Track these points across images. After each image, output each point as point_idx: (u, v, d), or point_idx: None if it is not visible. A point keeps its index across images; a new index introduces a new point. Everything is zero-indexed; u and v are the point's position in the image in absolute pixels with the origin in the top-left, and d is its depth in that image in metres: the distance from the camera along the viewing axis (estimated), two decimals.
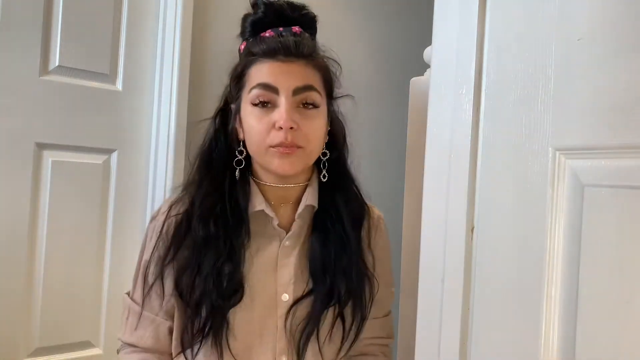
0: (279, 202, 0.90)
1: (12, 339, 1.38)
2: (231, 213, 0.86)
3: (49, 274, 1.44)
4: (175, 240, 0.86)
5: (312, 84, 0.84)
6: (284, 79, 0.82)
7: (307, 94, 0.83)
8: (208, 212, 0.85)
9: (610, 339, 0.56)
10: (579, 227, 0.59)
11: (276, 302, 0.88)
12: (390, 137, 1.58)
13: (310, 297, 0.88)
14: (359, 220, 0.93)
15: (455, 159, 0.74)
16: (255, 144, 0.84)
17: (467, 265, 0.72)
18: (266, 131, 0.82)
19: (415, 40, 1.60)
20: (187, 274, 0.85)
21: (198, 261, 0.84)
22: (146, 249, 0.91)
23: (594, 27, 0.59)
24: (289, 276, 0.88)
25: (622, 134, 0.55)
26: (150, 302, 0.89)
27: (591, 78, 0.58)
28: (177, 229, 0.87)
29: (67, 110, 1.46)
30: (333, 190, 0.91)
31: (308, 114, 0.84)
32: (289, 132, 0.80)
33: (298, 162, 0.83)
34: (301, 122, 0.82)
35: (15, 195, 1.38)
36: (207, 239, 0.85)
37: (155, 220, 0.90)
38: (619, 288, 0.55)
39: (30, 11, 1.39)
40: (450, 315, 0.74)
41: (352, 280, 0.89)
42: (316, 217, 0.91)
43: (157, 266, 0.87)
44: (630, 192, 0.54)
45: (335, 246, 0.89)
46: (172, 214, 0.88)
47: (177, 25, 1.56)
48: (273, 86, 0.82)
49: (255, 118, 0.83)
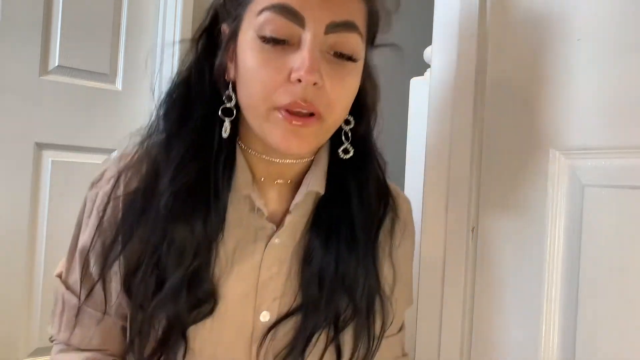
0: (270, 180, 0.63)
1: (12, 339, 1.38)
2: (212, 193, 0.58)
3: (49, 274, 1.43)
4: (125, 228, 0.59)
5: (354, 20, 0.55)
6: (316, 5, 0.53)
7: (345, 36, 0.54)
8: (186, 191, 0.58)
9: (610, 339, 0.55)
10: (579, 227, 0.59)
11: (252, 322, 0.62)
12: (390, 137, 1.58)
13: (297, 317, 0.62)
14: (378, 216, 0.65)
15: (455, 159, 0.74)
16: (254, 98, 0.55)
17: (467, 265, 0.71)
18: (275, 80, 0.53)
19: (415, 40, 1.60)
20: (139, 275, 0.59)
21: (154, 260, 0.58)
22: (84, 229, 0.64)
23: (594, 27, 0.59)
24: (275, 287, 0.62)
25: (622, 134, 0.55)
26: (93, 298, 0.62)
27: (591, 78, 0.58)
28: (128, 210, 0.60)
29: (67, 110, 1.46)
30: (349, 171, 0.63)
31: (341, 69, 0.55)
32: (309, 89, 0.52)
33: (311, 139, 0.55)
34: (329, 79, 0.54)
35: (15, 195, 1.38)
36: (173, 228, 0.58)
37: (97, 189, 0.64)
38: (619, 288, 0.55)
39: (30, 11, 1.39)
40: (450, 315, 0.74)
41: (356, 298, 0.62)
42: (319, 207, 0.64)
43: (100, 258, 0.61)
44: (630, 192, 0.54)
45: (340, 249, 0.62)
46: (121, 190, 0.61)
47: (177, 25, 1.56)
48: (297, 12, 0.52)
49: (260, 57, 0.54)
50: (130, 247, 0.59)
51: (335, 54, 0.55)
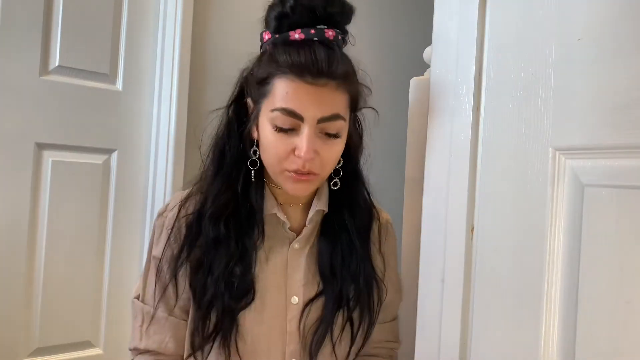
0: (288, 203, 0.89)
1: (12, 339, 1.38)
2: (245, 214, 0.84)
3: (49, 274, 1.44)
4: (188, 241, 0.84)
5: (338, 112, 0.78)
6: (311, 107, 0.75)
7: (331, 124, 0.77)
8: (220, 212, 0.83)
9: (610, 339, 0.55)
10: (579, 227, 0.59)
11: (285, 305, 0.86)
12: (390, 137, 1.57)
13: (321, 300, 0.87)
14: (368, 224, 0.92)
15: (455, 159, 0.74)
16: (270, 162, 0.81)
17: (467, 265, 0.72)
18: (284, 153, 0.78)
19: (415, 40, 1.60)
20: (199, 275, 0.82)
21: (209, 262, 0.82)
22: (155, 247, 0.87)
23: (594, 27, 0.59)
24: (299, 278, 0.87)
25: (622, 134, 0.55)
26: (165, 301, 0.85)
27: (591, 78, 0.58)
28: (189, 229, 0.84)
29: (67, 110, 1.46)
30: (343, 194, 0.89)
31: (329, 142, 0.79)
32: (307, 162, 0.77)
33: (312, 186, 0.82)
34: (322, 150, 0.78)
35: (15, 195, 1.38)
36: (218, 239, 0.83)
37: (163, 217, 0.87)
38: (619, 288, 0.55)
39: (30, 11, 1.38)
40: (450, 315, 0.74)
41: (359, 284, 0.87)
42: (325, 220, 0.89)
43: (171, 265, 0.84)
44: (630, 192, 0.54)
45: (343, 250, 0.87)
46: (183, 214, 0.85)
47: (177, 25, 1.56)
48: (298, 114, 0.75)
49: (274, 137, 0.78)
50: (193, 254, 0.83)
51: (326, 134, 0.78)
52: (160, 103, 1.57)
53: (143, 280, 0.88)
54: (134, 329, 0.87)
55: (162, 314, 0.85)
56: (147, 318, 0.86)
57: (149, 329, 0.85)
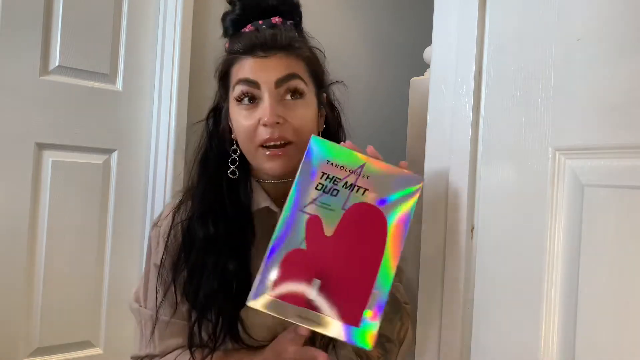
0: (282, 197, 0.87)
1: (12, 339, 1.38)
2: (233, 212, 0.85)
3: (49, 274, 1.44)
4: (186, 247, 0.86)
5: (294, 72, 0.82)
6: (265, 73, 0.80)
7: (289, 83, 0.81)
8: (206, 211, 0.85)
9: (610, 339, 0.55)
10: (579, 227, 0.59)
11: None
12: (390, 137, 1.58)
13: None
14: None
15: (455, 159, 0.74)
16: (245, 143, 0.83)
17: (467, 265, 0.71)
18: (253, 128, 0.81)
19: (415, 40, 1.60)
20: (192, 277, 0.84)
21: (201, 263, 0.83)
22: (155, 255, 0.89)
23: (594, 27, 0.59)
24: None
25: (622, 134, 0.55)
26: (166, 304, 0.87)
27: (591, 78, 0.58)
28: (184, 235, 0.86)
29: (67, 110, 1.46)
30: None
31: (294, 105, 0.82)
32: (275, 128, 0.79)
33: (290, 160, 0.81)
34: (287, 115, 0.80)
35: (15, 195, 1.38)
36: (207, 238, 0.84)
37: (158, 227, 0.90)
38: (619, 288, 0.55)
39: (30, 11, 1.39)
40: (450, 315, 0.74)
41: None
42: None
43: (171, 268, 0.86)
44: (630, 192, 0.54)
45: None
46: (178, 220, 0.88)
47: (177, 25, 1.56)
48: (253, 80, 0.80)
49: (241, 116, 0.82)
50: (192, 258, 0.85)
51: (291, 95, 0.81)
52: (160, 103, 1.57)
53: (145, 288, 0.90)
54: (142, 337, 0.89)
55: (162, 317, 0.87)
56: (148, 323, 0.88)
57: (163, 334, 0.87)
